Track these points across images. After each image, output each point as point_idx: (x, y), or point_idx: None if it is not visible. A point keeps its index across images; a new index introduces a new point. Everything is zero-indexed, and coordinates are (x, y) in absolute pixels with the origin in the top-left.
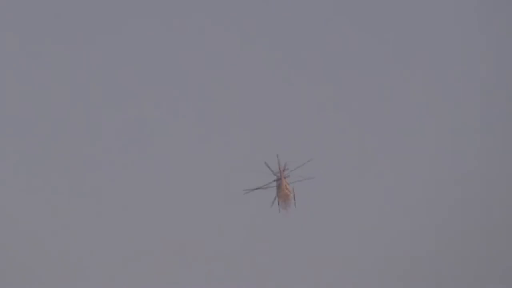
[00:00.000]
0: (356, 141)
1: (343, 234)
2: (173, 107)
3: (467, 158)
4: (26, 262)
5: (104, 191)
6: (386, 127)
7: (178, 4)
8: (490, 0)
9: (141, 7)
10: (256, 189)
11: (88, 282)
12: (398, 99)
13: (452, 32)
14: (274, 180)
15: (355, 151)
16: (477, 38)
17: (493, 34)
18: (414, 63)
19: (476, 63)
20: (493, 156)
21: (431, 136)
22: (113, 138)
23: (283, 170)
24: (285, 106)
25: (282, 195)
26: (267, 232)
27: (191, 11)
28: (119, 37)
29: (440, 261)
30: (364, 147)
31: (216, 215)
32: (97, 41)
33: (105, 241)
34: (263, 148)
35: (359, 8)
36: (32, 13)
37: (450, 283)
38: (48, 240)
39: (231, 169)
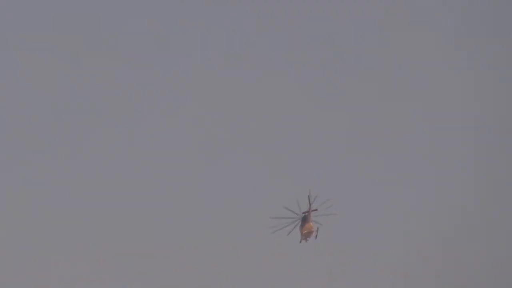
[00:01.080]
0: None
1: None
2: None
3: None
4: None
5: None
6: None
7: (179, 4)
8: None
9: (141, 7)
10: (284, 227)
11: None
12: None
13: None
14: (303, 213)
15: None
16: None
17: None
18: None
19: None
20: None
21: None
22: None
23: (312, 210)
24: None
25: (306, 233)
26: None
27: (192, 12)
28: (120, 37)
29: None
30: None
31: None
32: (97, 41)
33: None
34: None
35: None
36: (32, 13)
37: None
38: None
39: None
